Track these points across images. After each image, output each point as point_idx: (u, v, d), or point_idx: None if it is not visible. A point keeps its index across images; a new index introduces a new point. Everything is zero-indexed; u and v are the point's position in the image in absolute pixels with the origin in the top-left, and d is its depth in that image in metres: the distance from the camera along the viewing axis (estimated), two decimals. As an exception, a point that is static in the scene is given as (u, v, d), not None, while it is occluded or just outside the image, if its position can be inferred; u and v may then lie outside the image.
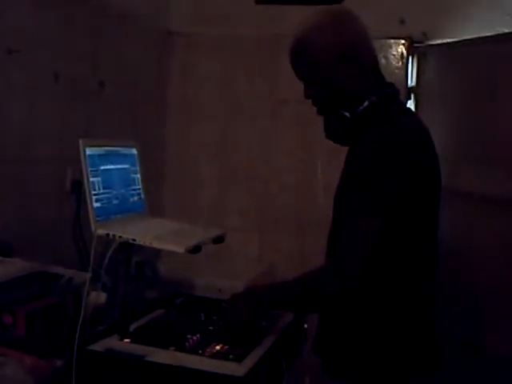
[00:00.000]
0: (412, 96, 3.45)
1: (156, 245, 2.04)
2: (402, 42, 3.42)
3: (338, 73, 1.87)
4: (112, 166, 2.26)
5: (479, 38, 3.18)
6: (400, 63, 3.43)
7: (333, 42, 1.87)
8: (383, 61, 3.41)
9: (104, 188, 2.18)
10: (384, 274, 1.82)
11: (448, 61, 3.34)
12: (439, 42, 3.37)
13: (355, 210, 1.76)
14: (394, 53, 3.43)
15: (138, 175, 2.42)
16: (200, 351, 1.91)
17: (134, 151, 2.43)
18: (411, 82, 3.45)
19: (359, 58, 1.88)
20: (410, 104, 3.43)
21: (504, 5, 3.21)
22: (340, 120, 1.89)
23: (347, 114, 1.87)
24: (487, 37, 3.15)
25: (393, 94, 1.94)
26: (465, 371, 3.13)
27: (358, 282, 1.76)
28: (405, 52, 3.42)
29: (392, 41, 3.43)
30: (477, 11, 3.26)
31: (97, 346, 1.91)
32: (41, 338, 2.01)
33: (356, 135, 1.87)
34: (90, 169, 2.11)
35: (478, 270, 3.15)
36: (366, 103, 1.86)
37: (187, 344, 1.94)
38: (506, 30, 3.15)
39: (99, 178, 2.16)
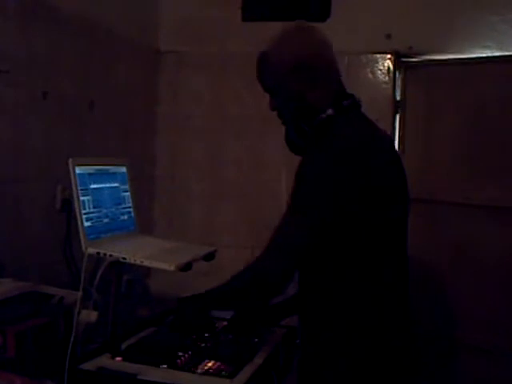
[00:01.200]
0: (399, 110, 3.46)
1: (146, 263, 2.04)
2: (389, 56, 3.44)
3: (295, 84, 1.93)
4: (102, 185, 2.27)
5: (466, 59, 3.29)
6: (387, 77, 3.45)
7: (289, 54, 1.94)
8: (370, 75, 3.44)
9: (94, 207, 2.18)
10: (343, 284, 1.85)
11: (435, 77, 3.37)
12: (426, 57, 3.39)
13: (288, 209, 1.83)
14: (381, 67, 3.45)
15: (128, 193, 2.43)
16: (192, 368, 1.91)
17: (124, 169, 2.44)
18: (398, 96, 3.46)
19: (316, 70, 1.93)
20: (397, 118, 3.45)
21: (490, 22, 3.24)
22: (297, 132, 1.94)
23: (304, 127, 1.91)
24: (475, 58, 3.26)
25: (350, 105, 1.95)
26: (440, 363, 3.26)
27: (278, 278, 1.82)
28: (391, 66, 3.44)
29: (378, 55, 3.45)
30: (463, 26, 3.28)
31: (88, 365, 1.90)
32: (32, 358, 2.00)
33: (313, 147, 1.91)
34: (79, 188, 2.12)
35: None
36: (322, 116, 1.89)
37: (179, 361, 1.94)
38: (492, 45, 3.19)
39: (89, 197, 2.16)
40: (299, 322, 2.02)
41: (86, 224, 2.11)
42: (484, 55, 3.22)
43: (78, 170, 2.12)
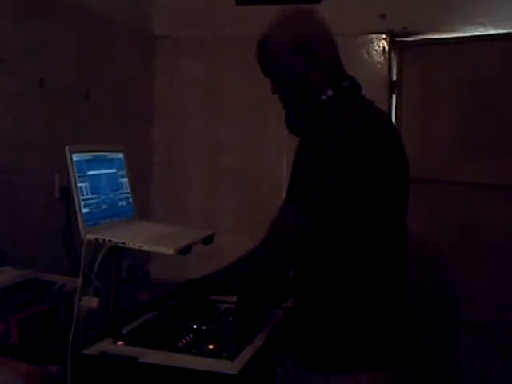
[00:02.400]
0: (395, 90, 3.46)
1: (146, 247, 2.05)
2: (384, 36, 3.43)
3: (294, 66, 1.93)
4: (99, 171, 2.28)
5: (462, 37, 3.28)
6: (382, 58, 3.44)
7: (287, 36, 1.95)
8: (365, 56, 3.44)
9: (92, 193, 2.19)
10: (342, 264, 1.85)
11: (430, 56, 3.37)
12: (421, 37, 3.38)
13: (285, 197, 1.81)
14: (376, 48, 3.44)
15: (126, 179, 2.44)
16: (193, 350, 1.92)
17: (121, 155, 2.44)
18: (394, 76, 3.46)
19: (314, 51, 1.93)
20: (393, 97, 3.45)
21: (483, 2, 3.23)
22: (297, 113, 1.94)
23: (304, 108, 1.92)
24: (470, 36, 3.25)
25: (350, 87, 1.95)
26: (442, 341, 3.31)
27: (277, 267, 1.83)
28: (386, 47, 3.43)
29: (373, 36, 3.45)
30: (457, 5, 3.28)
31: (91, 350, 1.92)
32: (34, 344, 2.02)
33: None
34: (77, 175, 2.13)
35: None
36: (322, 97, 1.90)
37: (180, 344, 1.95)
38: (486, 23, 3.19)
39: (87, 184, 2.17)
40: (294, 305, 2.02)
41: (85, 210, 2.12)
42: (479, 33, 3.22)
43: (75, 156, 2.12)
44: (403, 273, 1.97)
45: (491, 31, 3.19)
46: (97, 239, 2.07)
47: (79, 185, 2.12)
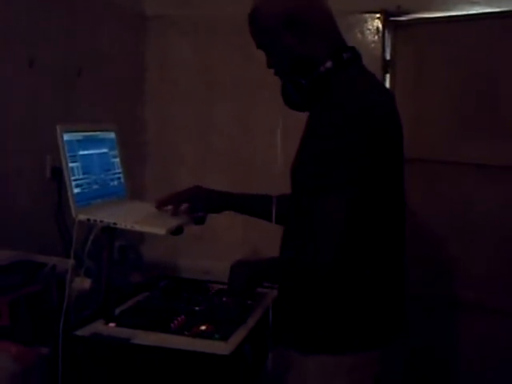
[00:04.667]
0: (389, 69, 3.44)
1: (137, 228, 2.03)
2: (377, 15, 3.41)
3: (289, 38, 1.87)
4: (91, 151, 2.26)
5: (456, 16, 3.25)
6: (376, 37, 3.42)
7: (280, 7, 1.87)
8: (359, 35, 3.41)
9: (83, 173, 2.17)
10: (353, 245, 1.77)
11: (425, 35, 3.35)
12: (414, 16, 3.36)
13: (326, 187, 1.71)
14: (370, 27, 3.42)
15: (118, 159, 2.42)
16: (185, 332, 1.92)
17: (113, 135, 2.42)
18: (388, 55, 3.44)
19: (309, 23, 1.87)
20: (387, 77, 3.43)
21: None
22: (295, 86, 1.88)
23: (302, 81, 1.86)
24: (464, 15, 3.23)
25: (351, 58, 1.89)
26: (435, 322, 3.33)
27: (331, 269, 1.71)
28: (380, 26, 3.41)
29: (367, 15, 3.42)
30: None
31: (82, 332, 1.92)
32: (26, 326, 2.01)
33: (313, 101, 1.86)
34: (68, 154, 2.10)
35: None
36: (321, 69, 1.85)
37: (172, 325, 1.95)
38: (480, 1, 3.18)
39: (78, 164, 2.15)
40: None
41: (76, 191, 2.10)
42: (473, 12, 3.20)
43: (65, 136, 2.10)
44: (401, 252, 1.93)
45: (486, 9, 3.16)
46: (88, 220, 2.05)
47: (70, 165, 2.10)
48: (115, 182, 2.37)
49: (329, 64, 1.85)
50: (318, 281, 1.76)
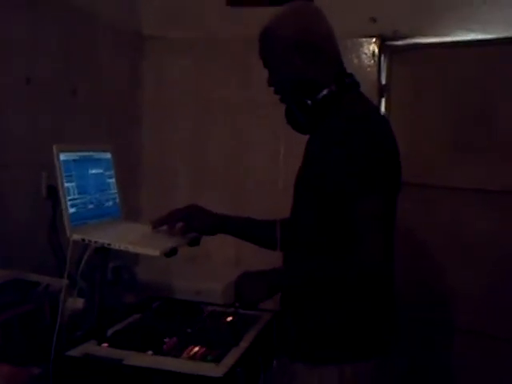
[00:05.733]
0: (384, 94, 3.46)
1: (131, 249, 2.03)
2: (374, 40, 3.43)
3: (297, 60, 1.94)
4: (87, 171, 2.26)
5: (451, 42, 3.27)
6: (372, 61, 3.43)
7: (291, 29, 1.95)
8: (355, 59, 3.43)
9: (79, 193, 2.17)
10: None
11: (420, 60, 3.37)
12: (411, 41, 3.38)
13: (357, 193, 1.78)
14: (366, 51, 3.43)
15: (113, 179, 2.42)
16: (178, 353, 1.92)
17: (109, 155, 2.43)
18: (383, 79, 3.46)
19: (317, 47, 1.94)
20: (383, 101, 3.45)
21: (474, 5, 3.23)
22: (300, 107, 1.95)
23: (308, 101, 1.93)
24: (460, 41, 3.25)
25: (352, 84, 1.99)
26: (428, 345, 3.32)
27: (382, 267, 1.78)
28: (376, 50, 3.43)
29: (363, 39, 3.44)
30: (447, 9, 3.28)
31: (75, 352, 1.91)
32: (18, 345, 2.00)
33: (316, 123, 1.95)
34: (64, 174, 2.11)
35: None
36: (325, 91, 1.92)
37: (165, 347, 1.95)
38: (476, 28, 3.20)
39: (74, 183, 2.15)
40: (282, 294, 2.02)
41: (71, 210, 2.10)
42: (468, 38, 3.22)
43: (62, 156, 2.11)
44: (392, 269, 1.96)
45: (480, 36, 3.18)
46: (83, 240, 2.05)
47: (66, 184, 2.10)
48: (110, 203, 2.37)
49: (333, 87, 1.93)
50: (373, 281, 1.81)
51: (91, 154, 2.33)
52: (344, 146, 1.81)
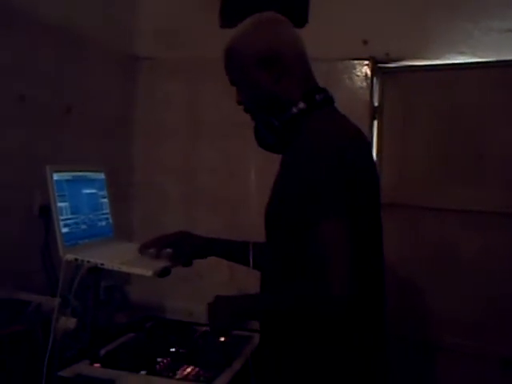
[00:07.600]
0: (376, 115, 3.48)
1: (124, 269, 2.03)
2: (366, 62, 3.45)
3: (261, 77, 1.85)
4: (80, 191, 2.27)
5: (443, 65, 3.30)
6: (364, 83, 3.46)
7: (254, 45, 1.86)
8: (347, 81, 3.45)
9: (72, 213, 2.18)
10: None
11: (412, 82, 3.40)
12: (403, 63, 3.41)
13: (317, 217, 1.63)
14: (358, 73, 3.46)
15: (106, 199, 2.43)
16: (171, 374, 1.91)
17: (102, 176, 2.44)
18: (376, 101, 3.48)
19: (283, 63, 1.84)
20: (375, 123, 3.47)
21: (465, 29, 3.27)
22: (267, 127, 1.86)
23: (274, 121, 1.84)
24: (451, 64, 3.28)
25: (324, 100, 1.88)
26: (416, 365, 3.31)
27: (345, 299, 1.59)
28: (369, 72, 3.45)
29: (356, 62, 3.46)
30: (438, 33, 3.31)
31: (67, 372, 1.91)
32: (9, 366, 1.99)
33: (286, 143, 1.83)
34: (57, 194, 2.11)
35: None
36: (293, 110, 1.82)
37: (158, 367, 1.94)
38: (467, 52, 3.23)
39: (67, 203, 2.16)
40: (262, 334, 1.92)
41: (64, 230, 2.11)
42: (459, 61, 3.25)
43: (55, 176, 2.12)
44: (382, 298, 1.89)
45: (473, 59, 3.22)
46: (76, 259, 2.05)
47: (59, 204, 2.11)
48: (103, 223, 2.38)
49: (302, 105, 1.83)
50: (339, 315, 1.63)
51: (84, 174, 2.34)
52: (303, 168, 1.69)
